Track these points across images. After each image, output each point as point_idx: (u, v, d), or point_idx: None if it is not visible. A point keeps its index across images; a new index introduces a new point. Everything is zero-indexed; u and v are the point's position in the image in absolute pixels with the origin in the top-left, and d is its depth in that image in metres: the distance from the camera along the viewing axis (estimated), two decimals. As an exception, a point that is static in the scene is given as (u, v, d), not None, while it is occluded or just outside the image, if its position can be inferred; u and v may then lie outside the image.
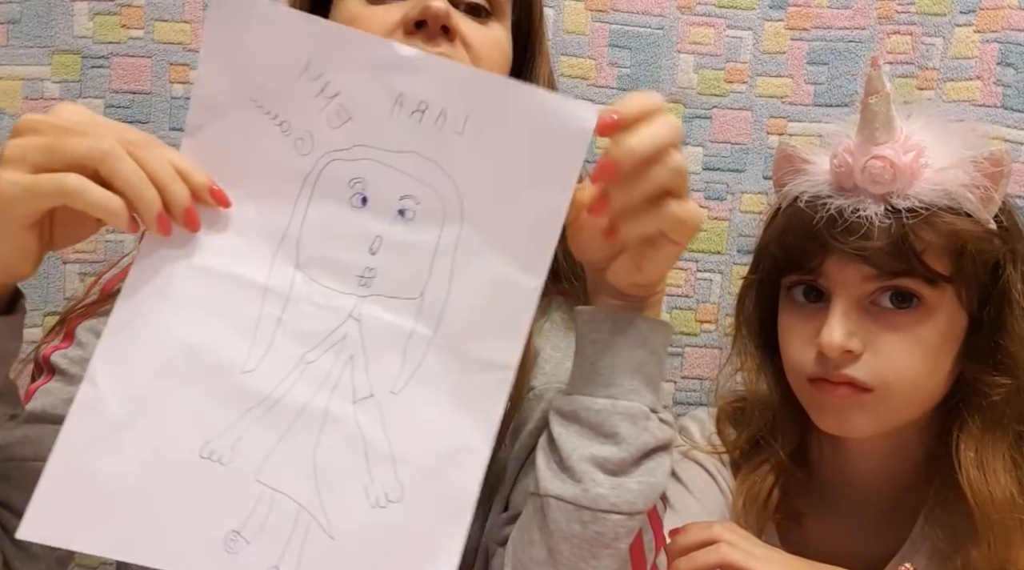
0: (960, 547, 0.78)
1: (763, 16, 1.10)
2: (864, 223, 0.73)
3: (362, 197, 0.59)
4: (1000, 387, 0.75)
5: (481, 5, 0.73)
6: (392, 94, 0.58)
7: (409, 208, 0.59)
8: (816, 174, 0.79)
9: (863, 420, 0.77)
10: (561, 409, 0.65)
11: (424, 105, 0.58)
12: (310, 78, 0.58)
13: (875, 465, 0.84)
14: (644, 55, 1.10)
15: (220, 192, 0.58)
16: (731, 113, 1.11)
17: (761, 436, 0.86)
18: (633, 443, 0.61)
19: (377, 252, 0.59)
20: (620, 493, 0.61)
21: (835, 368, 0.76)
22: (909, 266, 0.73)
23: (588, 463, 0.61)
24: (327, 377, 0.59)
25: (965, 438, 0.77)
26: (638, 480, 0.62)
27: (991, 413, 0.76)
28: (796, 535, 0.86)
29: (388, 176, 0.59)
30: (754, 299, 0.86)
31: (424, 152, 0.58)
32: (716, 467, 0.88)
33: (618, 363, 0.63)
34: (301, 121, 0.59)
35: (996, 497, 0.74)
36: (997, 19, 1.06)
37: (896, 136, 0.74)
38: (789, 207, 0.80)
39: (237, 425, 0.57)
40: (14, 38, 1.05)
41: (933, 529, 0.81)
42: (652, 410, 0.63)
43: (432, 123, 0.58)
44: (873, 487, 0.85)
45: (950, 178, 0.73)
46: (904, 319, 0.74)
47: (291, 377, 0.58)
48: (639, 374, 0.63)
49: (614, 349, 0.63)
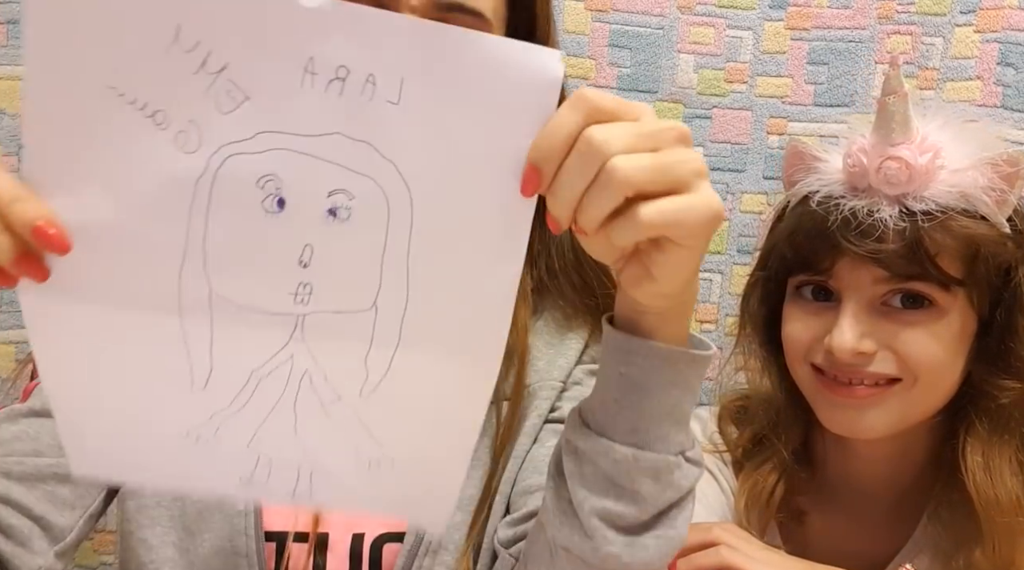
0: (963, 547, 0.77)
1: (763, 16, 1.10)
2: (879, 225, 0.71)
3: (277, 198, 0.47)
4: (1009, 390, 0.75)
5: (468, 9, 0.67)
6: (299, 61, 0.44)
7: (341, 205, 0.47)
8: (828, 173, 0.77)
9: (879, 419, 0.76)
10: (577, 446, 0.56)
11: (344, 71, 0.45)
12: (183, 50, 0.44)
13: (880, 466, 0.83)
14: (644, 55, 1.10)
15: (51, 234, 0.44)
16: (731, 113, 1.11)
17: (764, 434, 0.85)
18: (654, 503, 0.55)
19: (309, 263, 0.48)
20: (634, 552, 0.55)
21: (848, 368, 0.75)
22: (923, 270, 0.71)
23: (599, 520, 0.55)
24: (286, 388, 0.52)
25: (972, 441, 0.76)
26: (656, 535, 0.55)
27: (999, 416, 0.75)
28: (798, 534, 0.86)
29: (308, 168, 0.46)
30: (759, 297, 0.85)
31: (351, 132, 0.46)
32: (717, 467, 0.88)
33: (647, 407, 0.54)
34: (180, 108, 0.44)
35: (1002, 500, 0.74)
36: (997, 19, 1.06)
37: (912, 137, 0.73)
38: (799, 206, 0.79)
39: (212, 420, 0.52)
40: (14, 38, 1.05)
41: (936, 529, 0.81)
42: (680, 452, 0.56)
43: (357, 93, 0.45)
44: (877, 487, 0.84)
45: (967, 180, 0.72)
46: (917, 317, 0.74)
47: (246, 391, 0.51)
48: (670, 417, 0.54)
49: (645, 390, 0.53)
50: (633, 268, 0.49)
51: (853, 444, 0.82)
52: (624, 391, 0.54)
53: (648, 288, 0.49)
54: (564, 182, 0.45)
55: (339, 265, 0.48)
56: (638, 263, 0.49)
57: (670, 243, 0.47)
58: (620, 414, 0.54)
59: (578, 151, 0.44)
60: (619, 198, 0.44)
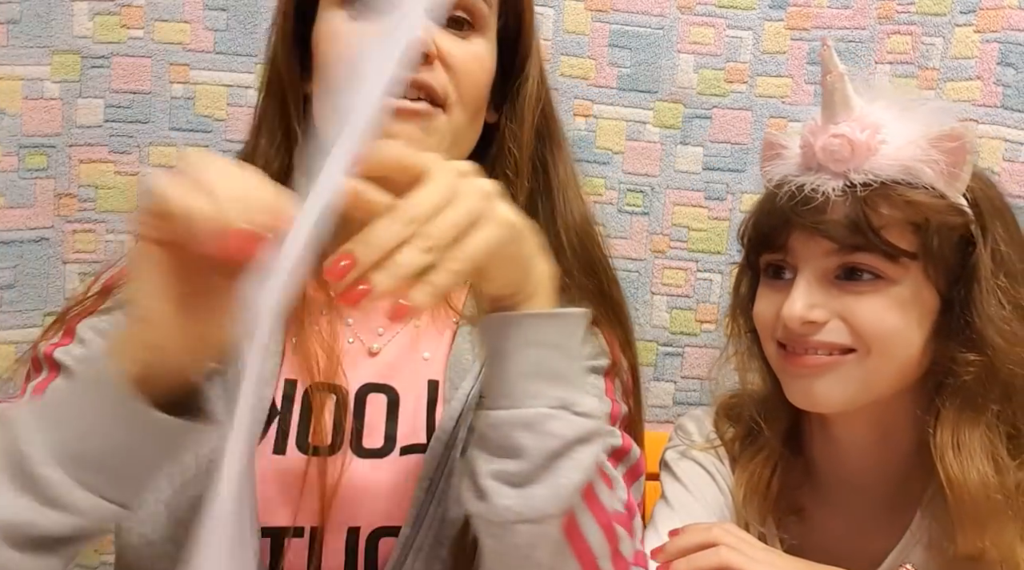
0: (950, 535, 0.78)
1: (763, 16, 1.10)
2: (820, 197, 0.75)
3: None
4: (971, 365, 0.75)
5: (463, 19, 0.73)
6: None
7: None
8: (789, 157, 0.82)
9: (833, 389, 0.77)
10: (474, 427, 0.64)
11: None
12: None
13: (863, 452, 0.84)
14: (644, 55, 1.10)
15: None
16: (731, 113, 1.11)
17: (755, 423, 0.86)
18: (534, 452, 0.59)
19: None
20: (526, 501, 0.59)
21: (800, 337, 0.77)
22: (866, 241, 0.74)
23: (492, 479, 0.60)
24: None
25: (942, 420, 0.77)
26: (546, 485, 0.59)
27: (965, 393, 0.76)
28: (797, 530, 0.86)
29: None
30: (745, 284, 0.88)
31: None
32: (715, 465, 0.88)
33: (510, 369, 0.60)
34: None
35: (970, 479, 0.74)
36: (997, 19, 1.06)
37: (853, 114, 0.77)
38: (767, 191, 0.83)
39: None
40: (14, 38, 1.05)
41: (930, 521, 0.81)
42: (560, 406, 0.60)
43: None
44: (868, 478, 0.85)
45: (906, 153, 0.75)
46: (866, 288, 0.76)
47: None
48: (536, 375, 0.60)
49: (504, 356, 0.60)
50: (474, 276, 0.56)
51: (832, 427, 0.83)
52: (491, 363, 0.61)
53: (490, 286, 0.59)
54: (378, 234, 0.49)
55: None
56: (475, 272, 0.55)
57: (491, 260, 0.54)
58: (492, 384, 0.61)
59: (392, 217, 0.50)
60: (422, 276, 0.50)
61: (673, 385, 1.13)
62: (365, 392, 0.74)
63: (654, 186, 1.12)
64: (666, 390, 1.14)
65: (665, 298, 1.13)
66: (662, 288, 1.13)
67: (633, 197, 1.13)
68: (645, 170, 1.12)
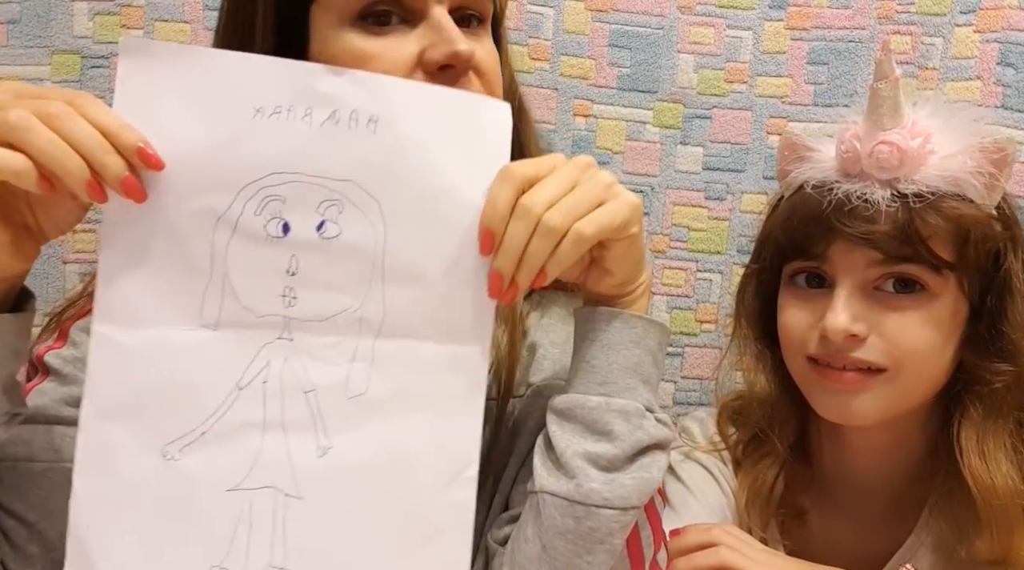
0: (964, 538, 0.78)
1: (763, 16, 1.10)
2: (871, 208, 0.73)
3: (282, 223, 0.58)
4: (1002, 374, 0.75)
5: (473, 15, 0.71)
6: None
7: (330, 220, 0.58)
8: (821, 161, 0.79)
9: (868, 405, 0.77)
10: (557, 407, 0.65)
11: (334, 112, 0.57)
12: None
13: (876, 458, 0.84)
14: (644, 55, 1.10)
15: (151, 155, 0.54)
16: (731, 113, 1.11)
17: (760, 430, 0.86)
18: (627, 440, 0.62)
19: (297, 271, 0.58)
20: (613, 488, 0.61)
21: (838, 352, 0.75)
22: (915, 252, 0.73)
23: (582, 459, 0.62)
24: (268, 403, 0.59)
25: (966, 426, 0.77)
26: (632, 476, 0.62)
27: (992, 400, 0.76)
28: (800, 533, 0.86)
29: (305, 195, 0.58)
30: (754, 289, 0.86)
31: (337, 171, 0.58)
32: (717, 467, 0.88)
33: (614, 361, 0.64)
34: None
35: (998, 484, 0.74)
36: (997, 19, 1.06)
37: (903, 122, 0.75)
38: (794, 194, 0.80)
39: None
40: (14, 38, 1.05)
41: (938, 522, 0.81)
42: (648, 409, 0.64)
43: (345, 130, 0.57)
44: (875, 481, 0.85)
45: (956, 164, 0.74)
46: (908, 302, 0.75)
47: (225, 406, 0.58)
48: (635, 373, 0.64)
49: (610, 348, 0.64)
50: (594, 271, 0.64)
51: (847, 435, 0.83)
52: (594, 352, 0.65)
53: (609, 281, 0.64)
54: (510, 240, 0.57)
55: (323, 273, 0.58)
56: (596, 266, 0.63)
57: (612, 241, 0.60)
58: (591, 372, 0.64)
59: (517, 217, 0.57)
60: (554, 241, 0.57)
61: (673, 385, 1.13)
62: None
63: (654, 186, 1.12)
64: (666, 390, 1.14)
65: (665, 298, 1.13)
66: (662, 288, 1.13)
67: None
68: (645, 170, 1.12)
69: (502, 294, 0.59)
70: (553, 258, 0.57)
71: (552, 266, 0.58)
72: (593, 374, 0.64)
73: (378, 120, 0.58)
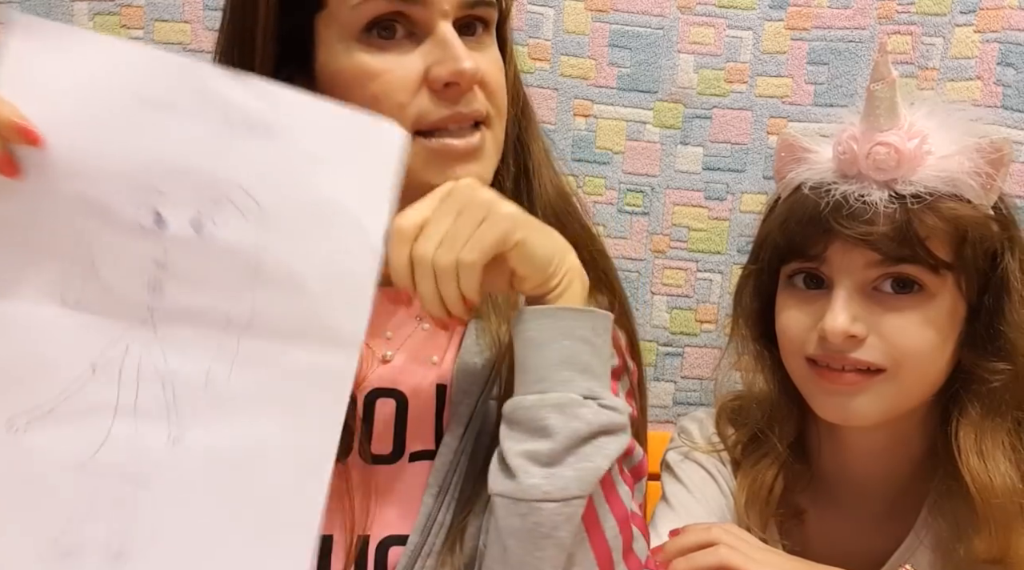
0: (963, 537, 0.78)
1: (763, 16, 1.10)
2: (869, 209, 0.73)
3: (155, 213, 0.58)
4: (1000, 373, 0.75)
5: (477, 22, 0.69)
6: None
7: (206, 218, 0.59)
8: (819, 162, 0.79)
9: (868, 406, 0.77)
10: (504, 413, 0.66)
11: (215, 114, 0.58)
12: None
13: (875, 458, 0.84)
14: (644, 55, 1.10)
15: (29, 131, 0.55)
16: (731, 113, 1.11)
17: (759, 430, 0.86)
18: (562, 432, 0.62)
19: (167, 264, 0.59)
20: (553, 481, 0.62)
21: (838, 353, 0.76)
22: (913, 252, 0.73)
23: (522, 458, 0.63)
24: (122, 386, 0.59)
25: (965, 425, 0.77)
26: (572, 467, 0.62)
27: (990, 399, 0.76)
28: (798, 531, 0.86)
29: (183, 189, 0.58)
30: (752, 290, 0.86)
31: (219, 169, 0.58)
32: (716, 467, 0.88)
33: (545, 357, 0.64)
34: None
35: (996, 483, 0.74)
36: (997, 19, 1.06)
37: (900, 123, 0.74)
38: (791, 195, 0.80)
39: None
40: (14, 38, 1.05)
41: (936, 521, 0.81)
42: (589, 396, 0.64)
43: (228, 133, 0.58)
44: (874, 481, 0.85)
45: (954, 164, 0.73)
46: (906, 302, 0.75)
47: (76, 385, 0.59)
48: (569, 365, 0.64)
49: (541, 345, 0.65)
50: (504, 277, 0.64)
51: (846, 435, 0.83)
52: (527, 353, 0.65)
53: (527, 284, 0.65)
54: (423, 292, 0.61)
55: (193, 269, 0.59)
56: (506, 272, 0.64)
57: (503, 253, 0.62)
58: (527, 372, 0.65)
59: (416, 270, 0.60)
60: (453, 277, 0.60)
61: (673, 385, 1.13)
62: (374, 397, 0.74)
63: (654, 186, 1.12)
64: (666, 390, 1.14)
65: (665, 298, 1.13)
66: (662, 288, 1.13)
67: (633, 197, 1.13)
68: (645, 170, 1.12)
69: (448, 326, 0.67)
70: (463, 289, 0.61)
71: (468, 294, 0.61)
72: (529, 374, 0.65)
73: (271, 128, 0.58)
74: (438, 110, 0.66)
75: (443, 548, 0.69)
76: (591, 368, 0.65)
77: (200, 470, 0.59)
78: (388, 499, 0.71)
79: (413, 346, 0.76)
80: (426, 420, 0.74)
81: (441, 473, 0.70)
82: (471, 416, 0.72)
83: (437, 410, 0.74)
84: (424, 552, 0.69)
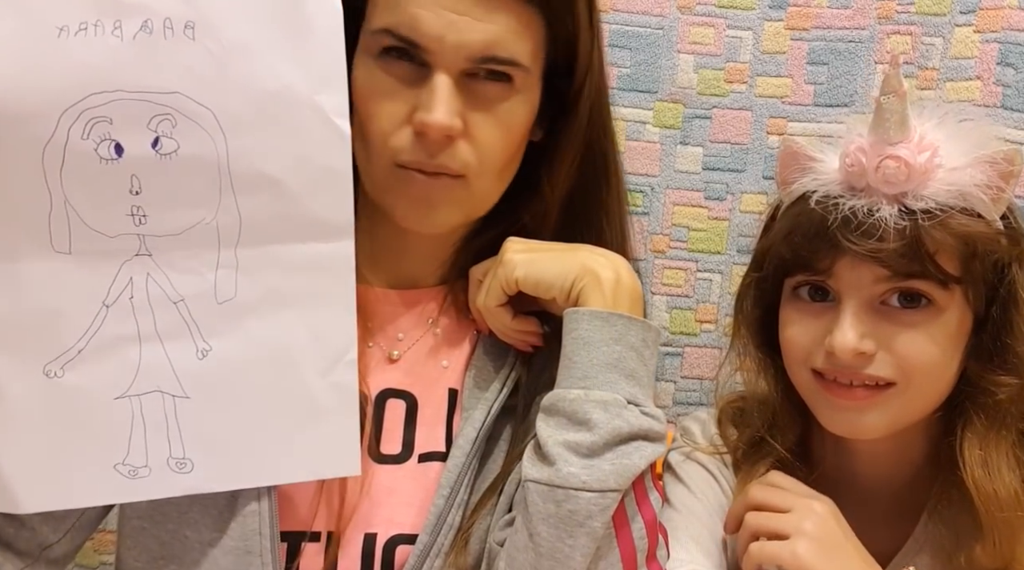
0: (963, 544, 0.77)
1: (763, 16, 1.10)
2: (879, 225, 0.71)
3: (114, 144, 0.58)
4: (1006, 386, 0.75)
5: (502, 71, 0.69)
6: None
7: (164, 134, 0.58)
8: (825, 173, 0.77)
9: (877, 421, 0.76)
10: (543, 404, 0.68)
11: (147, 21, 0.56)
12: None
13: (877, 464, 0.84)
14: (644, 55, 1.10)
15: None
16: (731, 113, 1.11)
17: (761, 435, 0.85)
18: (605, 428, 0.65)
19: (141, 190, 0.59)
20: (591, 472, 0.64)
21: (847, 369, 0.75)
22: (922, 268, 0.72)
23: (562, 447, 0.65)
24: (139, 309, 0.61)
25: (970, 437, 0.76)
26: (611, 461, 0.64)
27: (996, 412, 0.76)
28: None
29: (136, 113, 0.58)
30: (753, 298, 0.85)
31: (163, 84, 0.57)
32: (718, 468, 0.88)
33: (594, 357, 0.67)
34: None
35: (1001, 495, 0.74)
36: (997, 19, 1.06)
37: (910, 136, 0.73)
38: (796, 206, 0.78)
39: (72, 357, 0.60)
40: (13, 38, 1.05)
41: (937, 527, 0.81)
42: (632, 402, 0.67)
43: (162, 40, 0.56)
44: (876, 485, 0.85)
45: (964, 178, 0.72)
46: (915, 317, 0.74)
47: (96, 324, 0.60)
48: (615, 368, 0.67)
49: (590, 345, 0.67)
50: (535, 301, 0.74)
51: (849, 442, 0.83)
52: (576, 350, 0.68)
53: (548, 303, 0.72)
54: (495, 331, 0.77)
55: (168, 189, 0.59)
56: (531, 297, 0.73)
57: (515, 286, 0.71)
58: (572, 368, 0.68)
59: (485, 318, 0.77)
60: (490, 317, 0.75)
61: (673, 385, 1.13)
62: (384, 397, 0.74)
63: (654, 186, 1.12)
64: (666, 390, 1.14)
65: (665, 298, 1.13)
66: (662, 288, 1.13)
67: (633, 197, 1.12)
68: (645, 170, 1.12)
69: (524, 347, 0.77)
70: (501, 325, 0.75)
71: (504, 328, 0.75)
72: (574, 370, 0.68)
73: (195, 26, 0.57)
74: (413, 152, 0.67)
75: (451, 548, 0.70)
76: (636, 375, 0.68)
77: (235, 374, 0.62)
78: (395, 498, 0.72)
79: (424, 349, 0.77)
80: (437, 423, 0.74)
81: (453, 475, 0.70)
82: (484, 421, 0.72)
83: (448, 414, 0.75)
84: (433, 552, 0.69)
